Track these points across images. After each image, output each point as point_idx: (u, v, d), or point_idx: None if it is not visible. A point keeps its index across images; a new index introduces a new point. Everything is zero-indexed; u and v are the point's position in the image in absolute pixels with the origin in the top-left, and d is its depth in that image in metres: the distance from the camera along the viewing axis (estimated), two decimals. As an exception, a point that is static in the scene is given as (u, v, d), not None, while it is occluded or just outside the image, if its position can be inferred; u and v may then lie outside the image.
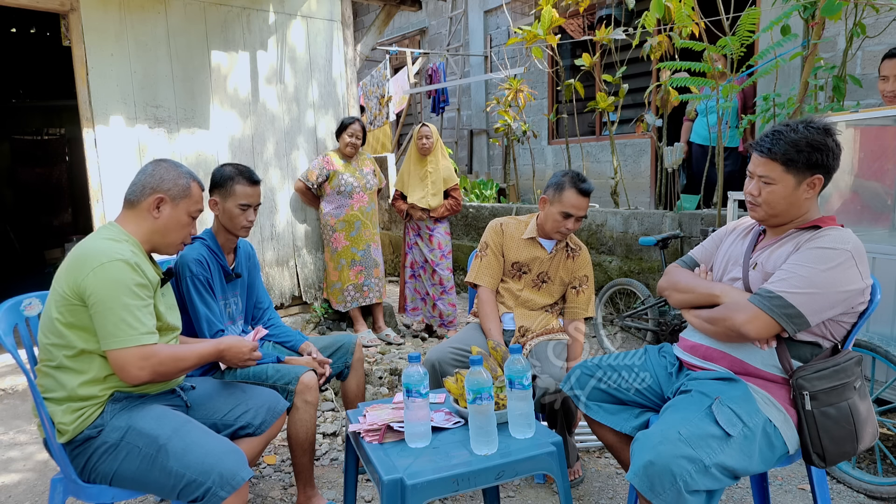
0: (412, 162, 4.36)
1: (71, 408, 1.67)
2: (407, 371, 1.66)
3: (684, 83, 4.04)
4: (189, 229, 1.89)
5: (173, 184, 1.82)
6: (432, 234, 4.35)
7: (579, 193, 2.47)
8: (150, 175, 1.83)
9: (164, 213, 1.81)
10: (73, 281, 1.64)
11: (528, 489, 2.50)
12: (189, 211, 1.86)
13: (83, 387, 1.68)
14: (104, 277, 1.62)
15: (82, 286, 1.62)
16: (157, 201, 1.80)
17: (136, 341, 1.64)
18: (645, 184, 6.94)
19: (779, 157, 1.69)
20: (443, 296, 4.39)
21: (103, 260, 1.64)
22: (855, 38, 3.44)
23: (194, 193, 1.87)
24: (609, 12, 6.85)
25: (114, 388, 1.72)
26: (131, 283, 1.65)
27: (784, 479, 2.52)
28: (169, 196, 1.81)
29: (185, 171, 1.87)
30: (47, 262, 8.35)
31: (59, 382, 1.69)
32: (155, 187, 1.81)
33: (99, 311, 1.62)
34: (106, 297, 1.61)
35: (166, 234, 1.84)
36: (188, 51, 3.89)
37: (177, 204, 1.83)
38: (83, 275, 1.63)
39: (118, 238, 1.75)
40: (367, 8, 10.08)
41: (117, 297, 1.62)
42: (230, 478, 1.59)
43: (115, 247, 1.69)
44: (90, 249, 1.68)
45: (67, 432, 1.67)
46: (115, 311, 1.62)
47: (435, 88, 8.79)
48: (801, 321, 1.61)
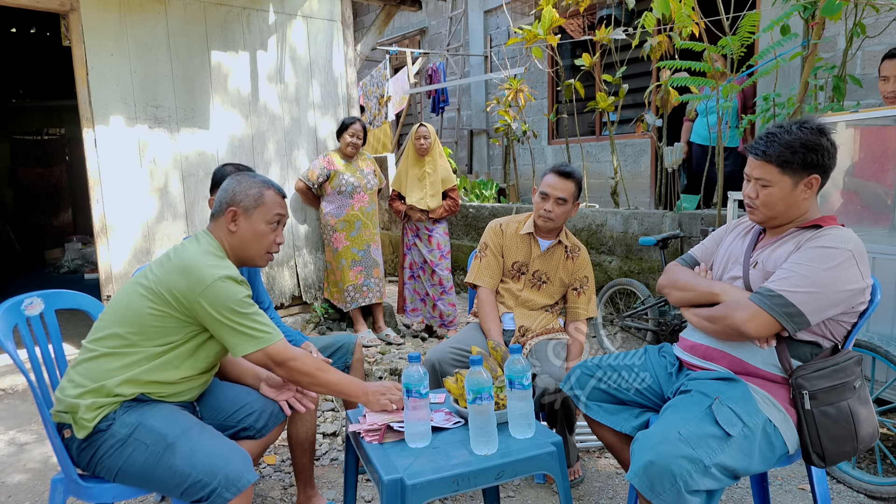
0: (410, 162, 4.34)
1: (96, 403, 1.68)
2: (407, 371, 1.66)
3: (684, 83, 4.04)
4: (272, 237, 1.89)
5: (244, 195, 1.83)
6: (431, 234, 4.35)
7: (556, 174, 2.53)
8: (224, 190, 1.86)
9: (240, 225, 1.83)
10: (181, 294, 1.69)
11: (528, 489, 2.50)
12: (266, 219, 1.85)
13: (123, 385, 1.70)
14: (219, 294, 1.68)
15: (193, 305, 1.69)
16: (233, 215, 1.83)
17: (272, 339, 1.73)
18: (645, 184, 6.94)
19: (774, 160, 1.69)
20: (443, 296, 4.39)
21: (215, 278, 1.69)
22: (855, 38, 3.44)
23: (268, 200, 1.86)
24: (609, 12, 6.85)
25: (144, 392, 1.74)
26: (241, 295, 1.72)
27: (784, 479, 2.52)
28: (241, 208, 1.83)
29: (258, 180, 1.88)
30: (47, 262, 8.35)
31: (102, 370, 1.70)
32: (229, 201, 1.83)
33: (222, 327, 1.70)
34: (226, 312, 1.69)
35: (247, 246, 1.86)
36: (188, 51, 3.89)
37: (250, 215, 1.83)
38: (195, 293, 1.68)
39: (221, 254, 1.82)
40: (367, 8, 10.08)
41: (236, 311, 1.70)
42: (236, 479, 1.60)
43: (220, 263, 1.76)
44: (200, 265, 1.71)
45: (88, 428, 1.68)
46: (240, 322, 1.70)
47: (435, 88, 8.79)
48: (802, 320, 1.61)
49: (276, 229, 1.89)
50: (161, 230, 3.89)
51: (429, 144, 4.26)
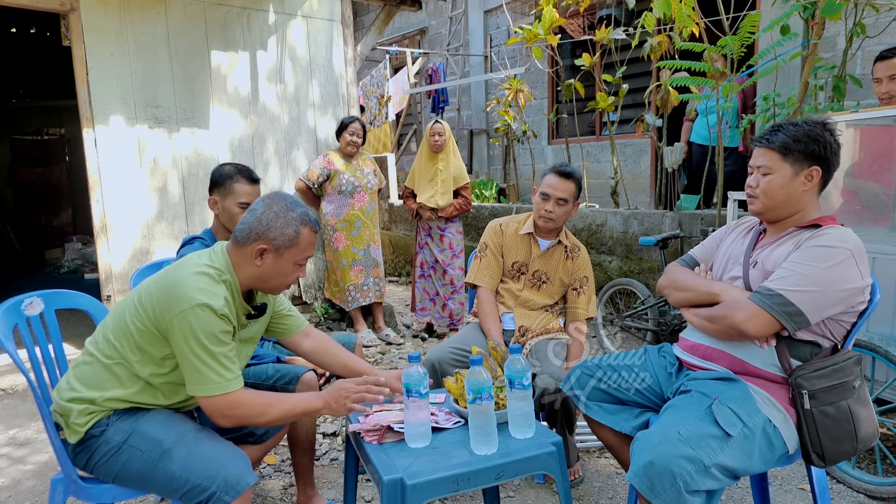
0: (423, 159, 4.34)
1: (88, 409, 1.66)
2: (407, 371, 1.65)
3: (684, 83, 4.04)
4: (295, 276, 1.76)
5: (280, 233, 1.68)
6: (443, 233, 4.34)
7: (556, 175, 2.53)
8: (257, 218, 1.69)
9: (266, 262, 1.70)
10: (160, 313, 1.60)
11: (528, 489, 2.50)
12: (296, 260, 1.73)
13: (112, 401, 1.66)
14: (191, 323, 1.56)
15: (167, 324, 1.59)
16: (261, 251, 1.68)
17: (223, 389, 1.60)
18: (645, 184, 6.94)
19: (776, 147, 1.72)
20: (453, 295, 4.38)
21: (193, 304, 1.57)
22: (855, 38, 3.44)
23: (303, 241, 1.72)
24: (609, 12, 6.85)
25: (139, 405, 1.70)
26: (217, 329, 1.59)
27: (784, 479, 2.52)
28: (273, 246, 1.68)
29: (296, 215, 1.71)
30: (47, 262, 8.35)
31: (99, 381, 1.67)
32: (260, 234, 1.68)
33: (185, 356, 1.59)
34: (192, 343, 1.57)
35: (267, 280, 1.74)
36: (188, 51, 3.89)
37: (281, 254, 1.70)
38: (172, 314, 1.58)
39: (218, 278, 1.66)
40: (367, 8, 10.08)
41: (203, 345, 1.58)
42: (234, 483, 1.58)
43: (209, 288, 1.61)
44: (185, 285, 1.60)
45: (80, 433, 1.66)
46: (201, 357, 1.58)
47: (435, 88, 8.79)
48: (802, 319, 1.61)
49: (303, 267, 1.78)
50: (161, 230, 3.89)
51: (443, 141, 4.25)
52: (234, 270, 1.71)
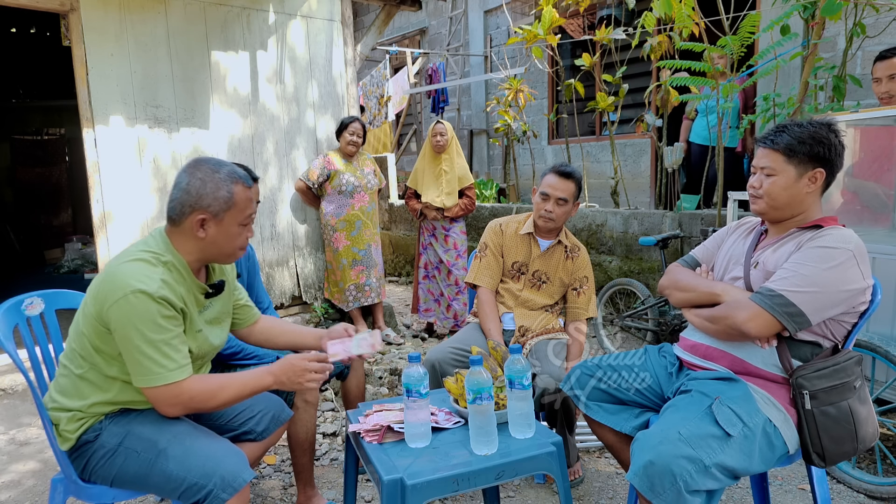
0: (426, 160, 4.33)
1: (77, 416, 1.65)
2: (407, 371, 1.65)
3: (684, 83, 4.04)
4: (245, 235, 1.71)
5: (213, 198, 1.61)
6: (448, 234, 4.33)
7: (556, 174, 2.53)
8: (185, 190, 1.62)
9: (209, 231, 1.64)
10: (99, 306, 1.56)
11: (528, 489, 2.50)
12: (239, 221, 1.67)
13: (98, 406, 1.65)
14: (126, 311, 1.52)
15: (106, 316, 1.55)
16: (201, 222, 1.62)
17: (165, 379, 1.55)
18: (645, 184, 6.94)
19: (781, 148, 1.71)
20: (458, 296, 4.37)
21: (126, 291, 1.51)
22: (855, 38, 3.44)
23: (239, 200, 1.65)
24: (609, 12, 6.85)
25: (126, 405, 1.69)
26: (156, 316, 1.53)
27: (784, 479, 2.52)
28: (211, 213, 1.62)
29: (223, 175, 1.63)
30: (47, 262, 8.35)
31: (77, 391, 1.65)
32: (194, 205, 1.61)
33: (125, 347, 1.55)
34: (130, 333, 1.52)
35: (218, 249, 1.68)
36: (188, 51, 3.89)
37: (221, 219, 1.63)
38: (107, 304, 1.54)
39: (155, 260, 1.61)
40: (367, 8, 10.08)
41: (141, 333, 1.52)
42: (231, 480, 1.58)
43: (144, 273, 1.56)
44: (118, 274, 1.56)
45: (71, 440, 1.66)
46: (140, 347, 1.53)
47: (435, 88, 8.79)
48: (803, 320, 1.61)
49: (249, 226, 1.71)
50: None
51: (445, 141, 4.25)
52: (175, 251, 1.65)
